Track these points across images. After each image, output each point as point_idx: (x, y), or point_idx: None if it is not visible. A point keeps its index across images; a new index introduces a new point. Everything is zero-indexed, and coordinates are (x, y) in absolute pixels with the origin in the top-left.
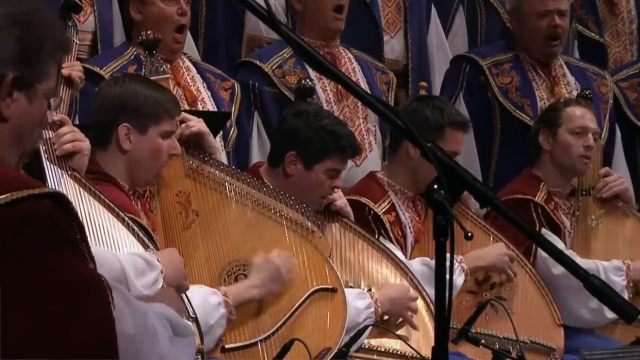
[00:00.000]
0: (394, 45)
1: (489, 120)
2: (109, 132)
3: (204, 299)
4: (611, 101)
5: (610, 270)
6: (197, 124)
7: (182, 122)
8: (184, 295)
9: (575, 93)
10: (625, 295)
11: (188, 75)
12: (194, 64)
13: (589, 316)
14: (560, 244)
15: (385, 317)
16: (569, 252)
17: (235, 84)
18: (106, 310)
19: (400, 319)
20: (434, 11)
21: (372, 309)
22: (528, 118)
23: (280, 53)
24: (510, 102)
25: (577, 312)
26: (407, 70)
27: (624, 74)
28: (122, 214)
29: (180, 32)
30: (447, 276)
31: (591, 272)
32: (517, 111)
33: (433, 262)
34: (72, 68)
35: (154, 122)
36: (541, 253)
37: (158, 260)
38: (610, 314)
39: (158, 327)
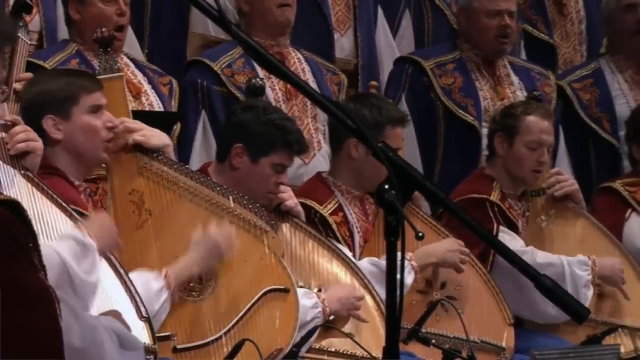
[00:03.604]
0: (343, 44)
1: (433, 121)
2: (38, 131)
3: (146, 285)
4: (554, 101)
5: (575, 264)
6: (140, 138)
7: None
8: (135, 296)
9: (519, 93)
10: (591, 290)
11: (128, 70)
12: (132, 60)
13: (555, 312)
14: (519, 242)
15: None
16: (530, 248)
17: (173, 80)
18: (54, 321)
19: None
20: (380, 11)
21: (320, 309)
22: (472, 118)
23: (230, 53)
24: (453, 103)
25: (543, 308)
26: (357, 69)
27: (576, 75)
28: (75, 214)
29: (120, 31)
30: (398, 276)
31: (554, 267)
32: (461, 111)
33: (381, 261)
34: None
35: (73, 103)
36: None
37: (90, 235)
38: None
39: (106, 341)
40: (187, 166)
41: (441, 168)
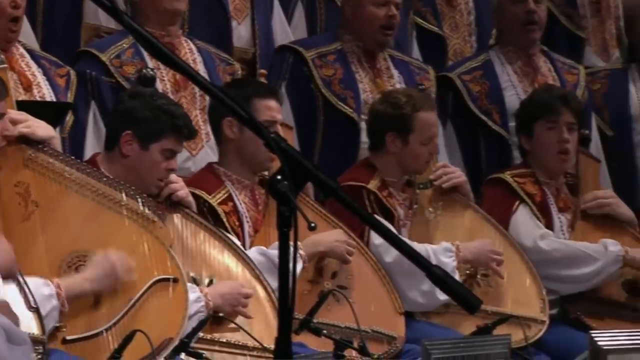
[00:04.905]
0: (241, 32)
1: (313, 111)
2: None
3: (36, 290)
4: (434, 95)
5: (440, 252)
6: (25, 130)
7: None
8: (24, 286)
9: (398, 87)
10: (456, 276)
11: (23, 61)
12: (29, 51)
13: (422, 299)
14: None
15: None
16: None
17: (71, 71)
18: None
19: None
20: (275, 0)
21: (203, 302)
22: (351, 110)
23: (119, 43)
24: (333, 94)
25: (410, 296)
26: (255, 58)
27: (466, 67)
28: None
29: (15, 22)
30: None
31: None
32: (340, 103)
33: (269, 250)
34: None
35: None
36: (373, 242)
37: None
38: (442, 296)
39: None
40: (73, 157)
41: (319, 159)
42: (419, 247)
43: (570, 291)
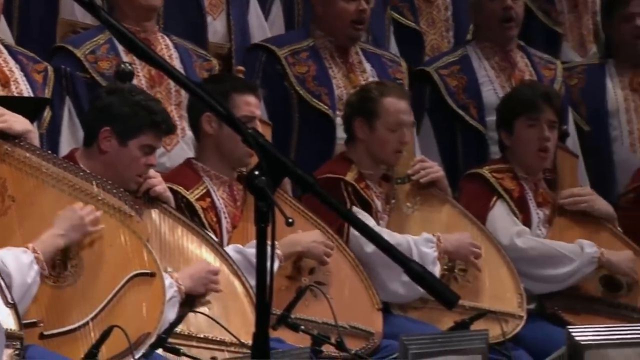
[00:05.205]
0: (216, 27)
1: (287, 109)
2: None
3: (17, 259)
4: (406, 88)
5: (421, 243)
6: (1, 125)
7: None
8: (1, 281)
9: (371, 80)
10: (437, 267)
11: (0, 57)
12: (6, 47)
13: (403, 290)
14: (371, 221)
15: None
16: (378, 229)
17: (48, 67)
18: None
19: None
20: None
21: (175, 287)
22: (326, 107)
23: (95, 39)
24: (307, 92)
25: (391, 287)
26: (231, 53)
27: (444, 62)
28: None
29: None
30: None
31: (401, 247)
32: (315, 100)
33: (246, 249)
34: None
35: None
36: (353, 232)
37: None
38: None
39: None
40: (50, 152)
41: (295, 156)
42: (399, 237)
43: (544, 290)
